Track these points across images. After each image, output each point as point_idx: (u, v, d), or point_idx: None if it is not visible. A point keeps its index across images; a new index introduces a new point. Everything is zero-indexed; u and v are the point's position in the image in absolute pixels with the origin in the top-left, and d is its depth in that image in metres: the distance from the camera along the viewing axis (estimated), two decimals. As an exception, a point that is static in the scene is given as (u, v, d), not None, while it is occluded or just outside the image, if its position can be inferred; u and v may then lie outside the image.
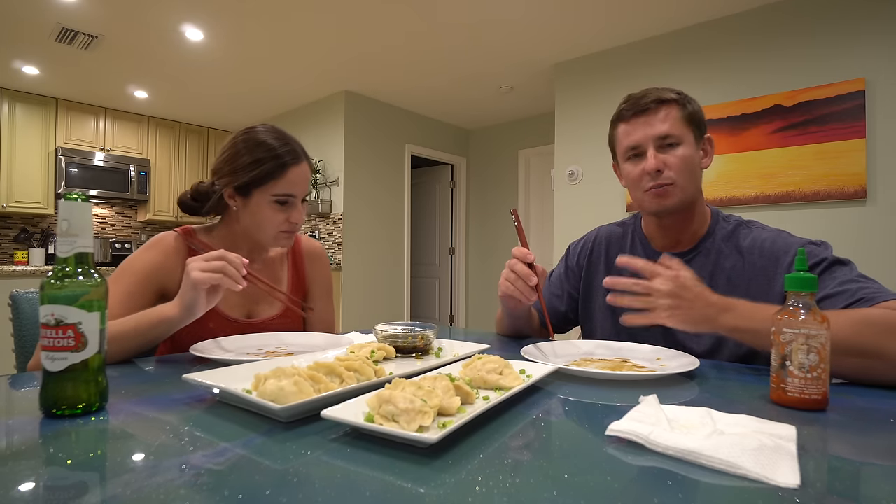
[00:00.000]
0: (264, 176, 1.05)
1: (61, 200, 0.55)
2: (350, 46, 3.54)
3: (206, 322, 1.03)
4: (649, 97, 1.00)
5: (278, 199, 1.06)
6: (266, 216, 1.07)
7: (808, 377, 0.58)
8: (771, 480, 0.38)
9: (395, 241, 4.89)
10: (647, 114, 1.00)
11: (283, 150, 1.07)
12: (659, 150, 0.99)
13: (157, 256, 1.04)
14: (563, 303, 1.22)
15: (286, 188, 1.06)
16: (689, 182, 0.99)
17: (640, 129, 1.00)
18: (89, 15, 3.05)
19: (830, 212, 2.66)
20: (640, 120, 1.01)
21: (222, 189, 1.08)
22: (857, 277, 0.84)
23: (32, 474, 0.39)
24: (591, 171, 3.55)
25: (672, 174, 0.98)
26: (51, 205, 4.45)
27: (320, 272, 1.28)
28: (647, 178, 1.00)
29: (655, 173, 0.98)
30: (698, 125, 1.01)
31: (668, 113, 0.99)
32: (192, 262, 0.84)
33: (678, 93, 1.01)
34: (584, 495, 0.36)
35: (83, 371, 0.54)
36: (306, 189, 1.11)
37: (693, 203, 1.03)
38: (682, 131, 0.99)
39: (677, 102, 1.00)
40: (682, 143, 0.98)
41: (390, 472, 0.40)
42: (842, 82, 2.60)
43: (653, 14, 3.04)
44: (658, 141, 0.99)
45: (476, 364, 0.67)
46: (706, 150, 1.04)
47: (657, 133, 0.98)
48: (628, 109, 1.02)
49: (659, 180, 0.98)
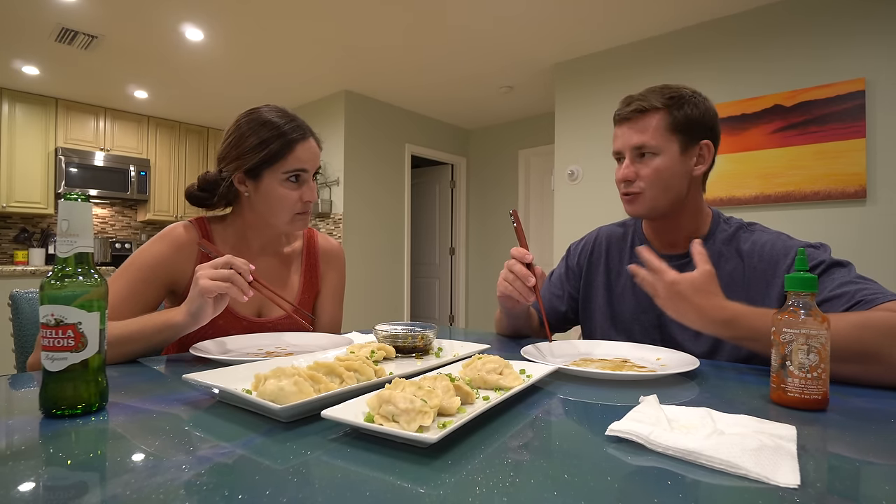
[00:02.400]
0: (273, 155, 1.02)
1: (61, 200, 0.55)
2: (350, 46, 3.54)
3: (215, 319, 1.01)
4: (633, 105, 1.00)
5: (290, 176, 1.04)
6: (279, 196, 1.04)
7: (808, 377, 0.58)
8: (771, 480, 0.38)
9: (395, 241, 4.89)
10: (629, 122, 1.01)
11: (288, 128, 1.04)
12: (635, 160, 1.01)
13: (164, 249, 1.02)
14: (564, 303, 1.22)
15: (296, 164, 1.04)
16: (662, 192, 1.00)
17: (622, 135, 1.03)
18: (89, 15, 3.05)
19: (830, 212, 2.66)
20: (623, 126, 1.03)
21: (231, 175, 1.05)
22: (855, 279, 0.84)
23: (32, 474, 0.39)
24: (591, 171, 3.55)
25: (642, 184, 1.00)
26: (51, 205, 4.45)
27: (334, 273, 1.25)
28: (621, 184, 1.04)
29: (626, 182, 1.02)
30: (689, 131, 0.99)
31: (650, 122, 0.99)
32: (201, 269, 0.84)
33: (672, 97, 0.98)
34: (584, 495, 0.36)
35: (83, 371, 0.54)
36: (317, 164, 1.09)
37: (675, 210, 1.03)
38: (661, 141, 0.98)
39: (664, 109, 0.98)
40: (661, 154, 0.98)
41: (390, 472, 0.40)
42: (842, 82, 2.60)
43: (653, 14, 3.04)
44: (634, 150, 1.00)
45: (476, 364, 0.67)
46: (702, 157, 1.01)
47: (633, 143, 1.00)
48: (617, 113, 1.04)
49: (629, 189, 1.02)
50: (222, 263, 0.85)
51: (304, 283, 1.19)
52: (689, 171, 1.01)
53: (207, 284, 0.82)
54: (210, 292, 0.82)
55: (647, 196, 1.00)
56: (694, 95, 1.01)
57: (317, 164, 1.09)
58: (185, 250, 1.04)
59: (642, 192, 1.00)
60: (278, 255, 1.17)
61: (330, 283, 1.24)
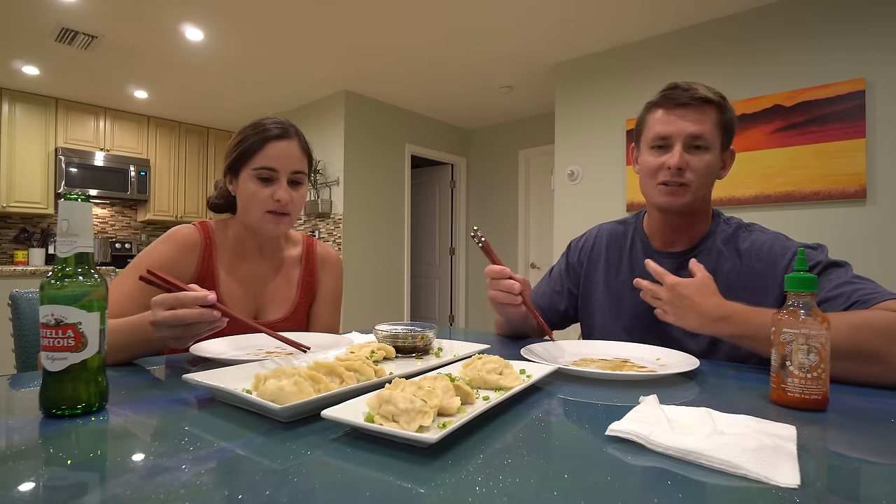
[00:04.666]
0: (245, 151, 1.05)
1: (61, 200, 0.55)
2: (350, 46, 3.54)
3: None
4: (694, 93, 0.97)
5: (258, 175, 1.04)
6: (249, 192, 1.04)
7: (808, 377, 0.58)
8: (771, 480, 0.38)
9: (395, 241, 4.89)
10: (687, 108, 0.97)
11: (269, 126, 1.06)
12: (686, 150, 0.97)
13: (169, 249, 1.03)
14: (564, 299, 1.22)
15: (264, 161, 1.04)
16: (703, 189, 0.99)
17: (675, 121, 0.97)
18: (89, 15, 3.05)
19: (830, 212, 2.66)
20: (677, 112, 0.98)
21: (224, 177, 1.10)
22: (852, 279, 0.84)
23: (32, 474, 0.39)
24: (591, 171, 3.55)
25: (692, 176, 0.97)
26: (51, 205, 4.44)
27: (330, 279, 1.26)
28: (664, 171, 0.98)
29: (676, 171, 0.97)
30: (728, 135, 1.00)
31: (709, 115, 0.97)
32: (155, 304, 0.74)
33: (722, 97, 0.99)
34: (584, 495, 0.36)
35: (83, 371, 0.54)
36: (291, 166, 1.06)
37: (700, 208, 1.03)
38: (713, 137, 0.97)
39: (719, 106, 0.98)
40: (710, 149, 0.97)
41: (390, 472, 0.40)
42: (842, 82, 2.60)
43: (653, 14, 3.04)
44: (689, 139, 0.97)
45: (476, 364, 0.67)
46: (725, 162, 1.03)
47: (690, 132, 0.96)
48: (670, 97, 0.99)
49: (677, 178, 0.97)
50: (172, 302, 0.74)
51: (302, 286, 1.20)
52: (718, 173, 1.02)
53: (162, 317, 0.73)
54: (163, 331, 0.74)
55: (692, 190, 0.97)
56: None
57: (291, 167, 1.07)
58: (190, 252, 1.05)
59: (690, 184, 0.97)
60: (276, 260, 1.18)
61: (326, 290, 1.25)
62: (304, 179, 1.10)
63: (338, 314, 1.29)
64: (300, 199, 1.09)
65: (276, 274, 1.17)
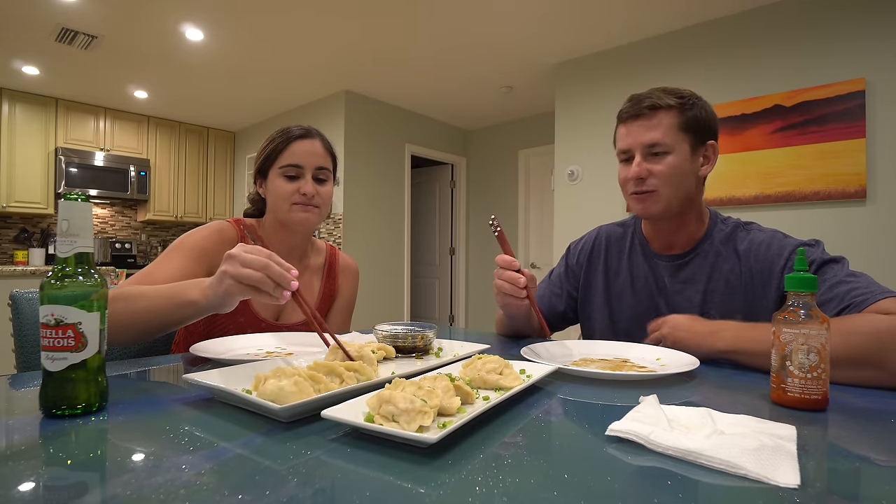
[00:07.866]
0: (272, 152, 1.12)
1: (61, 200, 0.55)
2: (350, 46, 3.54)
3: (236, 316, 1.07)
4: (645, 101, 0.99)
5: (284, 172, 1.10)
6: (277, 188, 1.11)
7: (808, 377, 0.58)
8: (771, 480, 0.38)
9: (395, 241, 4.89)
10: (641, 119, 1.00)
11: (293, 129, 1.13)
12: (647, 158, 1.00)
13: (211, 235, 1.08)
14: (563, 302, 1.22)
15: (289, 159, 1.10)
16: (674, 191, 0.99)
17: (632, 133, 1.01)
18: (89, 15, 3.05)
19: (830, 212, 2.66)
20: (634, 124, 1.01)
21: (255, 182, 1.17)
22: (845, 277, 0.84)
23: (32, 474, 0.39)
24: (591, 171, 3.55)
25: (655, 182, 0.99)
26: (51, 205, 4.45)
27: (349, 287, 1.32)
28: (631, 182, 1.02)
29: (638, 180, 1.00)
30: (698, 132, 1.00)
31: (662, 120, 0.98)
32: (234, 252, 0.72)
33: (682, 97, 0.99)
34: (584, 495, 0.36)
35: (83, 371, 0.54)
36: (315, 162, 1.13)
37: (684, 210, 1.03)
38: (673, 139, 0.98)
39: (677, 108, 0.98)
40: (672, 152, 0.98)
41: (390, 472, 0.40)
42: (842, 82, 2.60)
43: (653, 14, 3.04)
44: (646, 148, 0.99)
45: (476, 364, 0.67)
46: (707, 157, 1.02)
47: (645, 141, 0.99)
48: (625, 111, 1.03)
49: (641, 187, 1.00)
50: (259, 264, 0.71)
51: (323, 292, 1.25)
52: (697, 171, 1.01)
53: (239, 272, 0.70)
54: (240, 279, 0.70)
55: (661, 194, 0.99)
56: (699, 98, 1.01)
57: (315, 163, 1.13)
58: (227, 244, 1.07)
59: (656, 189, 0.99)
60: (302, 264, 1.22)
61: (343, 296, 1.30)
62: (329, 176, 1.16)
63: (349, 319, 1.34)
64: (327, 193, 1.15)
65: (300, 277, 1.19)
